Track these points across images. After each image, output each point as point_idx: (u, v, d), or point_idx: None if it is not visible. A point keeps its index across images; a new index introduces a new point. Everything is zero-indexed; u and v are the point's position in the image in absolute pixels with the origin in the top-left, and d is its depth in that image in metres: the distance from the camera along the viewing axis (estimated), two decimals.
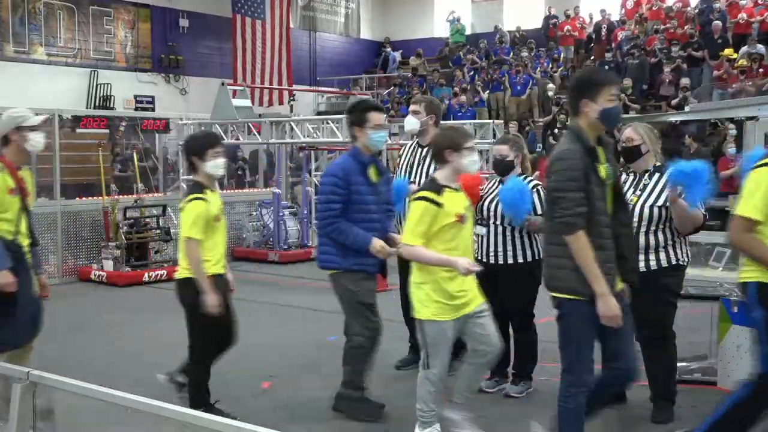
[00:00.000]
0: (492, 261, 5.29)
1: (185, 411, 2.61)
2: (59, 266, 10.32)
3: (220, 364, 6.33)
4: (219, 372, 6.09)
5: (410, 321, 6.17)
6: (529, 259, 5.24)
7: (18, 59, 17.01)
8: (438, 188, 4.29)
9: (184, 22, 20.10)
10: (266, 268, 11.53)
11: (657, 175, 4.80)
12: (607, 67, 17.98)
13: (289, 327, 7.75)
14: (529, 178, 5.30)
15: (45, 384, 2.98)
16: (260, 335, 7.38)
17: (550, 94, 17.97)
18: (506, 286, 5.28)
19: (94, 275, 10.29)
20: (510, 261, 5.24)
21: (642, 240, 4.70)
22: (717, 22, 17.47)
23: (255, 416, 4.96)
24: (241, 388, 5.67)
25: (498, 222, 5.27)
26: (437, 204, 4.22)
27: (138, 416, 3.12)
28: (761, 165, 3.71)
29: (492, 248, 5.30)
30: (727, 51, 16.77)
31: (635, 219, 4.68)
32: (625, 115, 15.37)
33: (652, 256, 4.71)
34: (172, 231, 10.99)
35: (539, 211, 5.10)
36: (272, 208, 12.12)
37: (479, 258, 5.43)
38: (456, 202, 4.32)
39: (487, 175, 6.59)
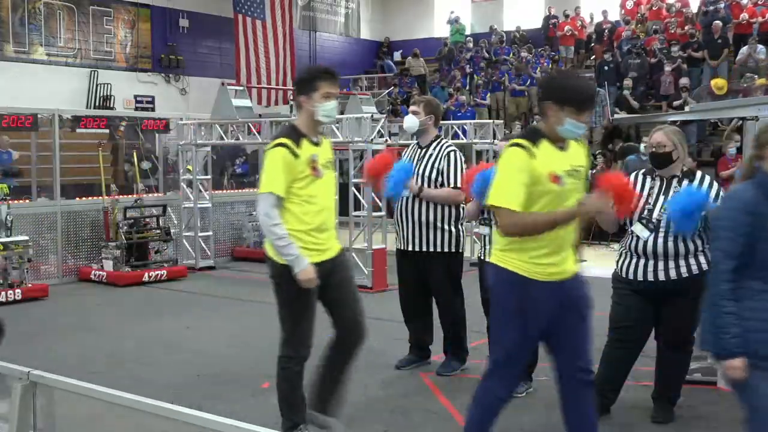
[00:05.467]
0: None
1: (185, 411, 2.61)
2: (59, 266, 10.31)
3: (219, 363, 6.35)
4: (219, 372, 6.11)
5: (410, 321, 6.19)
6: None
7: (18, 59, 17.00)
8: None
9: (184, 22, 20.10)
10: (266, 268, 11.52)
11: (686, 181, 4.65)
12: (606, 67, 18.01)
13: None
14: None
15: (45, 384, 2.97)
16: (260, 335, 7.38)
17: None
18: None
19: (94, 275, 10.29)
20: None
21: (671, 246, 4.56)
22: (717, 21, 17.48)
23: (255, 416, 4.95)
24: (241, 388, 5.66)
25: None
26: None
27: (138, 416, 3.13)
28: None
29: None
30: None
31: (664, 226, 4.56)
32: (624, 115, 15.43)
33: (692, 260, 4.58)
34: (172, 231, 11.00)
35: None
36: None
37: (482, 257, 5.43)
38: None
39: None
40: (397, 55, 24.49)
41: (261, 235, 12.36)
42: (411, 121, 5.86)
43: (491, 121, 13.26)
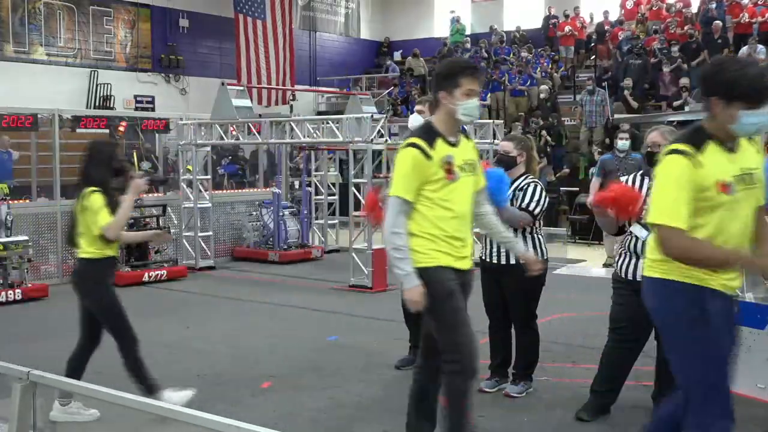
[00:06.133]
0: (495, 261, 5.28)
1: (185, 411, 2.60)
2: (59, 266, 10.30)
3: (219, 363, 6.35)
4: (219, 372, 6.10)
5: (411, 321, 6.18)
6: None
7: (18, 59, 17.00)
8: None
9: (184, 22, 20.10)
10: (266, 268, 11.53)
11: None
12: (605, 76, 18.00)
13: (289, 327, 7.75)
14: (529, 176, 5.32)
15: (45, 384, 2.97)
16: (260, 335, 7.38)
17: (542, 96, 17.93)
18: (509, 286, 5.27)
19: None
20: (513, 261, 5.22)
21: None
22: (717, 21, 17.49)
23: (255, 416, 4.95)
24: (241, 388, 5.66)
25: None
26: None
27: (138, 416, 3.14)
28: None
29: (495, 248, 5.29)
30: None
31: None
32: (625, 115, 15.42)
33: None
34: (172, 231, 11.00)
35: (532, 207, 5.16)
36: (272, 208, 12.13)
37: (484, 257, 5.43)
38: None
39: None
40: (397, 55, 24.49)
41: (260, 235, 12.39)
42: (417, 121, 5.86)
43: (491, 121, 13.25)
